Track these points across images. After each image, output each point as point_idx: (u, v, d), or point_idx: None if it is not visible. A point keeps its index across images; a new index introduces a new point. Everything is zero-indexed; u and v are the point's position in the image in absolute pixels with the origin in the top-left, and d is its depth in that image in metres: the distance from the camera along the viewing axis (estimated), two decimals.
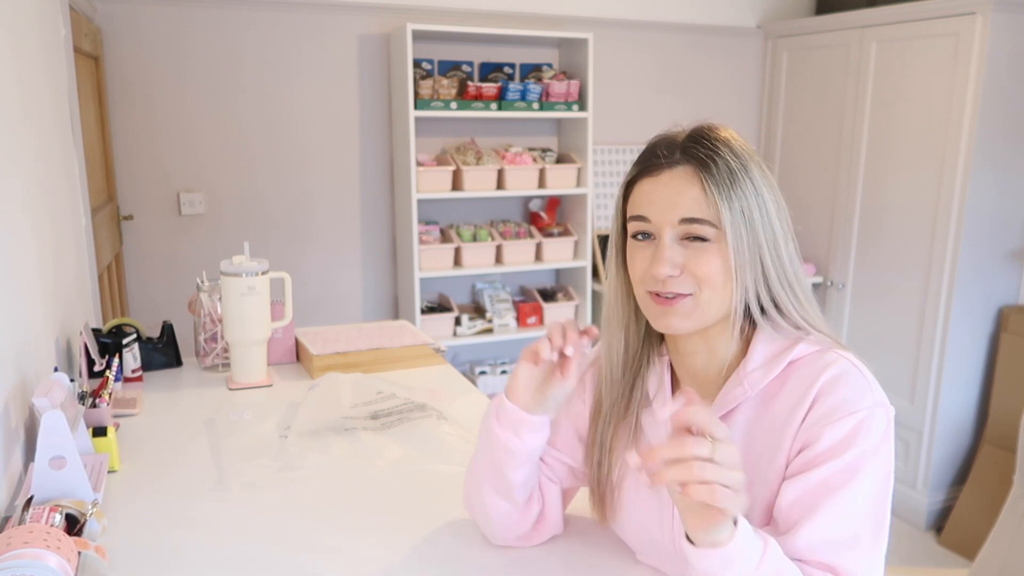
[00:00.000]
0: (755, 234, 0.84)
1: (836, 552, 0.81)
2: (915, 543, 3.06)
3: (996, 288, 3.03)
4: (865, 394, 0.84)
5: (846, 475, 0.81)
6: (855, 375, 0.85)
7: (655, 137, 0.91)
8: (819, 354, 0.87)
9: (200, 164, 3.03)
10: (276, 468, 1.28)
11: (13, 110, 1.31)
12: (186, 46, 2.93)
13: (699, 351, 0.92)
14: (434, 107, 3.04)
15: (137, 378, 1.68)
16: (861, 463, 0.81)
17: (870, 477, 0.82)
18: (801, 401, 0.85)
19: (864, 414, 0.82)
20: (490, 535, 1.04)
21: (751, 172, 0.85)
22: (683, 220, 0.85)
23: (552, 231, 3.39)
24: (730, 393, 0.89)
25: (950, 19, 2.87)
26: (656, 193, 0.87)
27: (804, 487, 0.82)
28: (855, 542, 0.82)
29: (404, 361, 1.83)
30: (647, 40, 3.57)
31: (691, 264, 0.85)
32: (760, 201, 0.85)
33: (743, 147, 0.87)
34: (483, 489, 0.99)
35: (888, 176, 3.18)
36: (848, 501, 0.81)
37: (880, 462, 0.83)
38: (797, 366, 0.87)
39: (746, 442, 0.88)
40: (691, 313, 0.87)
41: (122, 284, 2.94)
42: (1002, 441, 2.95)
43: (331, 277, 3.31)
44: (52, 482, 1.01)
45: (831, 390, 0.84)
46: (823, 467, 0.81)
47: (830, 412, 0.83)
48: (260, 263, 1.62)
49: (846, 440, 0.82)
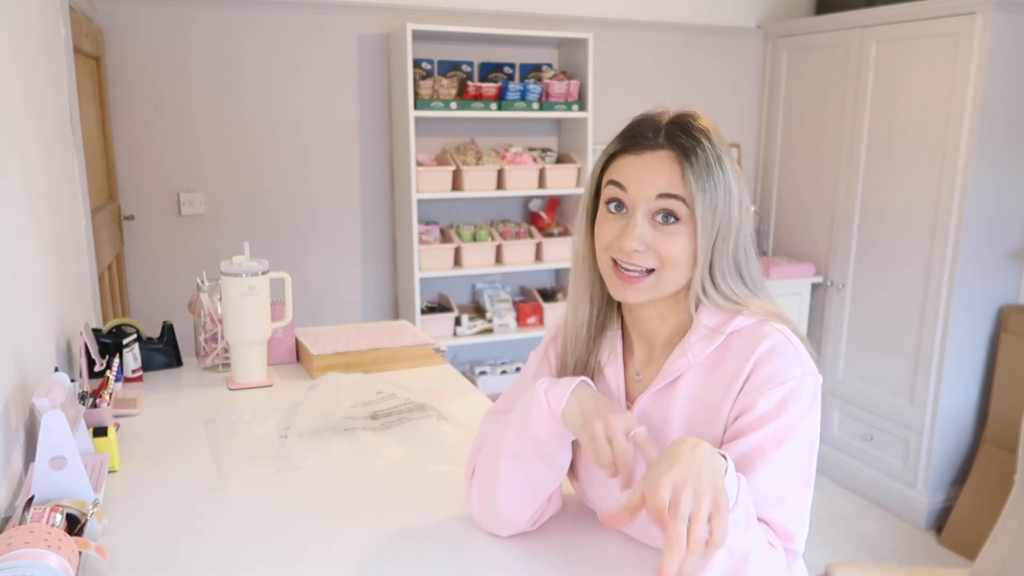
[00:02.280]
0: (719, 222, 0.91)
1: (768, 507, 0.89)
2: (915, 543, 3.06)
3: (996, 288, 3.03)
4: (795, 365, 0.91)
5: (778, 438, 0.89)
6: (788, 347, 0.92)
7: (640, 115, 0.97)
8: (757, 326, 0.94)
9: (200, 164, 3.03)
10: (276, 468, 1.28)
11: (13, 110, 1.31)
12: (186, 46, 2.93)
13: (651, 317, 1.00)
14: (434, 107, 3.04)
15: (137, 378, 1.68)
16: (791, 427, 0.89)
17: (799, 440, 0.90)
18: (739, 371, 0.92)
19: (795, 383, 0.90)
20: (505, 522, 1.04)
21: (724, 164, 0.92)
22: (660, 195, 0.91)
23: (552, 231, 3.39)
24: (676, 363, 0.96)
25: (950, 19, 2.87)
26: (636, 169, 0.93)
27: (741, 450, 0.89)
28: (785, 498, 0.90)
29: (404, 361, 1.83)
30: (647, 40, 3.57)
31: (658, 243, 0.92)
32: (727, 192, 0.91)
33: (720, 139, 0.94)
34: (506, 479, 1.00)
35: (888, 176, 3.18)
36: (779, 462, 0.89)
37: (808, 426, 0.91)
38: (736, 337, 0.94)
39: (690, 408, 0.95)
40: (649, 290, 0.94)
41: (122, 284, 2.94)
42: (1002, 441, 2.95)
43: (331, 277, 3.31)
44: (52, 482, 1.01)
45: (766, 361, 0.91)
46: (757, 432, 0.89)
47: (764, 381, 0.90)
48: (260, 263, 1.62)
49: (778, 407, 0.89)
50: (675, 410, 0.96)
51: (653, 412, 0.99)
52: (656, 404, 0.99)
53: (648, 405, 0.99)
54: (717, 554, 0.79)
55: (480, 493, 1.05)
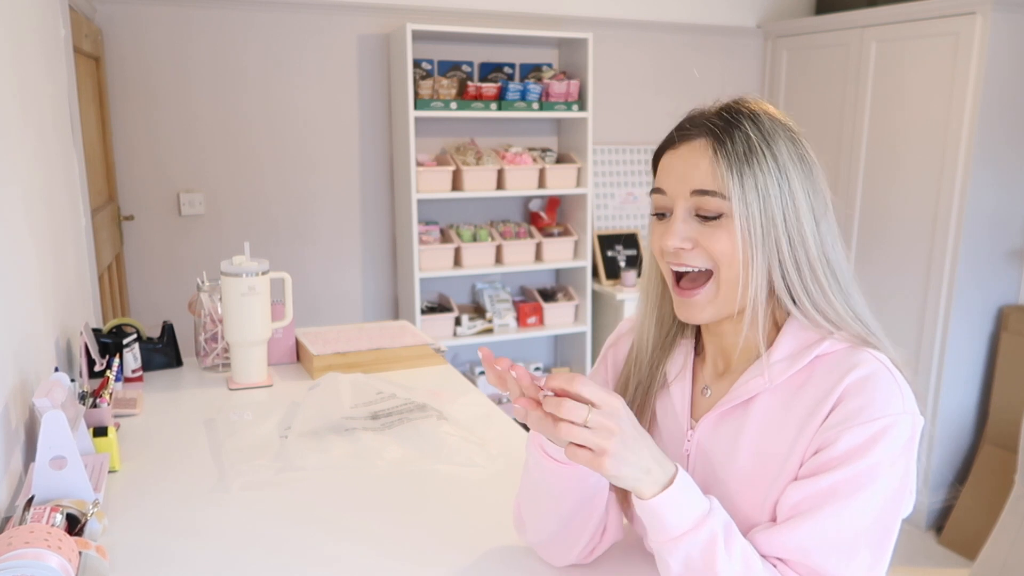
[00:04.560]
0: (771, 213, 0.80)
1: (827, 559, 0.77)
2: (915, 543, 3.06)
3: (996, 288, 3.03)
4: (893, 400, 0.78)
5: (858, 483, 0.76)
6: (885, 378, 0.79)
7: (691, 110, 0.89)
8: (848, 351, 0.82)
9: (200, 164, 3.03)
10: (276, 468, 1.28)
11: (13, 111, 1.31)
12: (186, 46, 2.93)
13: (727, 332, 0.89)
14: (434, 107, 3.04)
15: (137, 378, 1.68)
16: (876, 473, 0.76)
17: (883, 489, 0.77)
18: (824, 400, 0.80)
19: (888, 421, 0.77)
20: (560, 549, 0.96)
21: (776, 147, 0.81)
22: (694, 192, 0.82)
23: (552, 231, 3.39)
24: (749, 382, 0.85)
25: (950, 19, 2.87)
26: (671, 165, 0.85)
27: (811, 490, 0.78)
28: (852, 554, 0.77)
29: (404, 361, 1.83)
30: (647, 40, 3.57)
31: (704, 239, 0.82)
32: (781, 179, 0.80)
33: (775, 122, 0.84)
34: (564, 499, 0.89)
35: (888, 176, 3.18)
36: (854, 510, 0.77)
37: (896, 474, 0.78)
38: (823, 361, 0.82)
39: (762, 435, 0.84)
40: (712, 300, 0.84)
41: (122, 284, 2.94)
42: (1002, 441, 2.95)
43: (331, 277, 3.31)
44: (53, 482, 1.01)
45: (858, 392, 0.78)
46: (835, 472, 0.77)
47: (853, 415, 0.78)
48: (260, 263, 1.62)
49: (864, 446, 0.77)
50: (745, 434, 0.85)
51: (719, 434, 0.88)
52: (723, 425, 0.88)
53: (714, 426, 0.88)
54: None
55: (519, 521, 0.99)
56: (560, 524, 0.92)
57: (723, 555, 0.76)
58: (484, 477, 1.27)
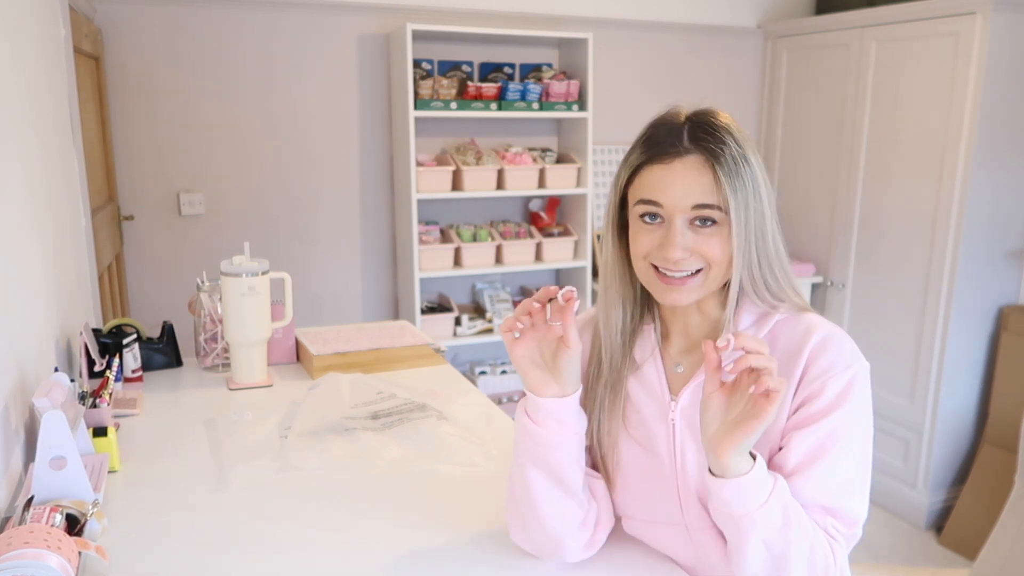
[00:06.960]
0: (752, 217, 0.91)
1: (835, 495, 0.90)
2: (915, 543, 3.06)
3: (996, 288, 3.03)
4: (856, 352, 0.93)
5: (849, 424, 0.90)
6: (840, 334, 0.94)
7: (656, 120, 0.96)
8: (797, 317, 0.95)
9: (200, 164, 3.03)
10: (276, 468, 1.28)
11: (13, 110, 1.31)
12: (186, 46, 2.93)
13: (691, 312, 0.99)
14: (434, 107, 3.04)
15: (137, 378, 1.68)
16: (859, 412, 0.91)
17: (866, 425, 0.92)
18: (795, 360, 0.92)
19: (856, 368, 0.91)
20: (558, 551, 1.00)
21: (750, 159, 0.91)
22: (696, 206, 0.90)
23: (552, 231, 3.39)
24: None
25: (950, 19, 2.87)
26: (668, 180, 0.91)
27: (816, 436, 0.89)
28: (850, 485, 0.91)
29: (404, 361, 1.83)
30: (647, 40, 3.57)
31: (700, 246, 0.91)
32: (755, 186, 0.91)
33: (741, 134, 0.92)
34: (541, 503, 0.96)
35: (888, 176, 3.18)
36: (848, 448, 0.90)
37: (869, 411, 0.93)
38: (782, 326, 0.95)
39: None
40: (697, 290, 0.93)
41: (122, 284, 2.94)
42: (1002, 441, 2.95)
43: (331, 277, 3.31)
44: (52, 482, 1.01)
45: (825, 349, 0.91)
46: (830, 417, 0.89)
47: (829, 368, 0.91)
48: (260, 263, 1.62)
49: (844, 392, 0.90)
50: None
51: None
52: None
53: (695, 395, 0.96)
54: (755, 547, 0.84)
55: (512, 517, 1.02)
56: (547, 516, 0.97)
57: (796, 514, 0.86)
58: (484, 477, 1.27)
